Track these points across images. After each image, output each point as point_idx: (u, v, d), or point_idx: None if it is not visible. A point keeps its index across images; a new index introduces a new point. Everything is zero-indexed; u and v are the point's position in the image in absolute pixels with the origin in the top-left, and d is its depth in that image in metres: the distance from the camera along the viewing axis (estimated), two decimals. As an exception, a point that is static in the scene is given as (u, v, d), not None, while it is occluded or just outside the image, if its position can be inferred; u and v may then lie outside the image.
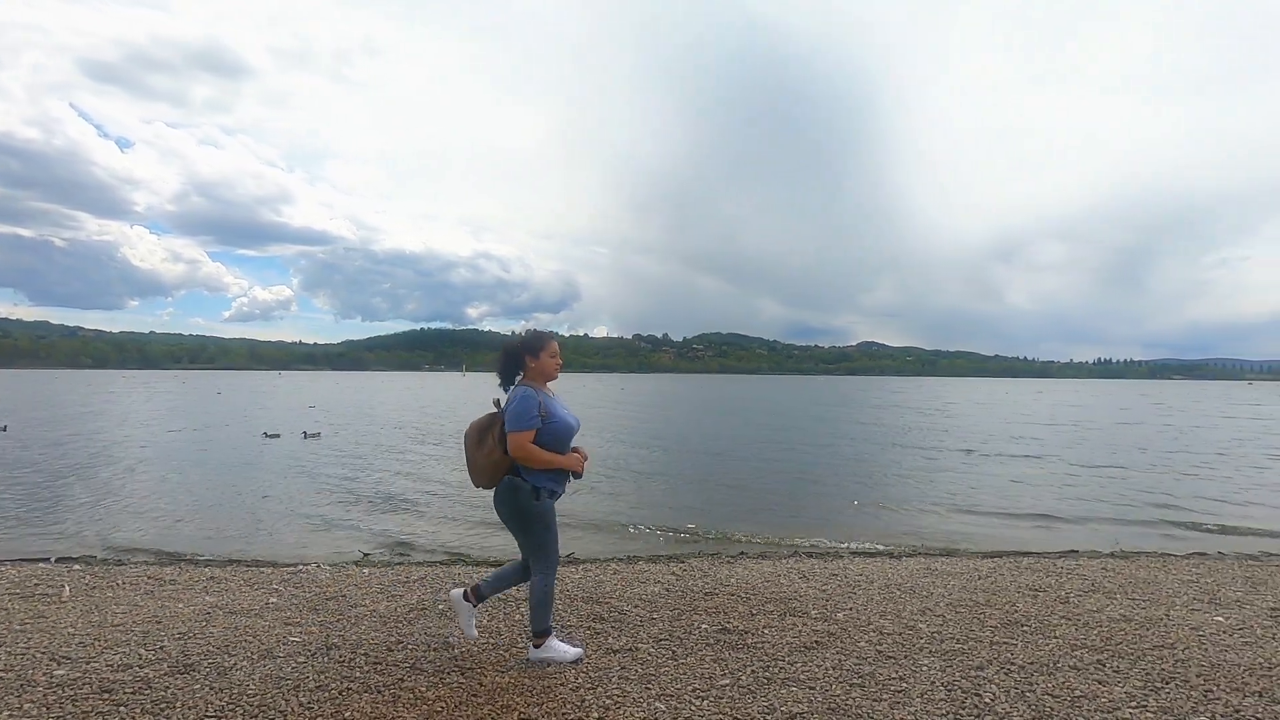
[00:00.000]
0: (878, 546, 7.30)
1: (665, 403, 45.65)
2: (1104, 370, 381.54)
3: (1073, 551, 7.01)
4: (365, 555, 6.93)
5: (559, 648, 3.70)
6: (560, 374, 3.73)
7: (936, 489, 12.31)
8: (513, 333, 3.75)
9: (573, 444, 3.63)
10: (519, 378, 3.61)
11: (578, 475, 3.60)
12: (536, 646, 3.67)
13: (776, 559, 6.32)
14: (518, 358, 3.59)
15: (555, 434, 3.48)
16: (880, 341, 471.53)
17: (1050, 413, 37.83)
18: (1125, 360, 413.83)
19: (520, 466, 3.47)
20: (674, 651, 3.90)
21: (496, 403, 3.61)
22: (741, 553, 6.70)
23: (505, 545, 7.74)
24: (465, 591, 3.87)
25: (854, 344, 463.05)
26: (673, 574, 5.63)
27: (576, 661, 3.69)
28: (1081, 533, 8.79)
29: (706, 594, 5.07)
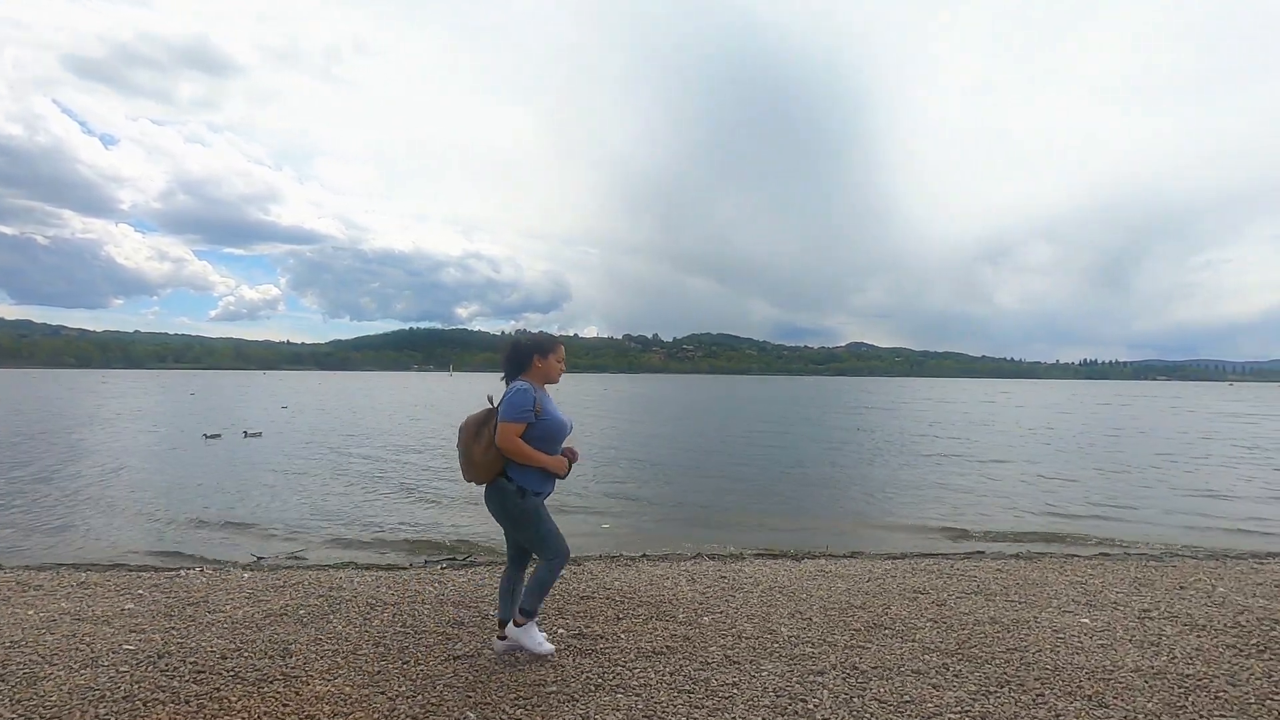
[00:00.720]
0: (784, 549, 7.26)
1: (642, 403, 45.57)
2: (1090, 371, 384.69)
3: (978, 553, 6.98)
4: (258, 559, 6.82)
5: (536, 636, 3.75)
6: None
7: (859, 492, 12.28)
8: (514, 332, 3.84)
9: (565, 444, 3.71)
10: (520, 377, 3.65)
11: (561, 476, 3.66)
12: (517, 625, 3.71)
13: (676, 561, 6.25)
14: (527, 356, 3.65)
15: (547, 431, 3.55)
16: (869, 342, 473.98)
17: (1013, 414, 38.00)
18: (1111, 361, 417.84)
19: (508, 467, 3.54)
20: (516, 658, 3.83)
21: (490, 399, 3.68)
22: (644, 555, 6.63)
23: (401, 552, 7.69)
24: (503, 635, 3.80)
25: (843, 345, 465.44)
26: (560, 578, 5.56)
27: (546, 656, 3.73)
28: (998, 533, 8.78)
29: (583, 597, 5.01)
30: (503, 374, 3.70)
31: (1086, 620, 4.61)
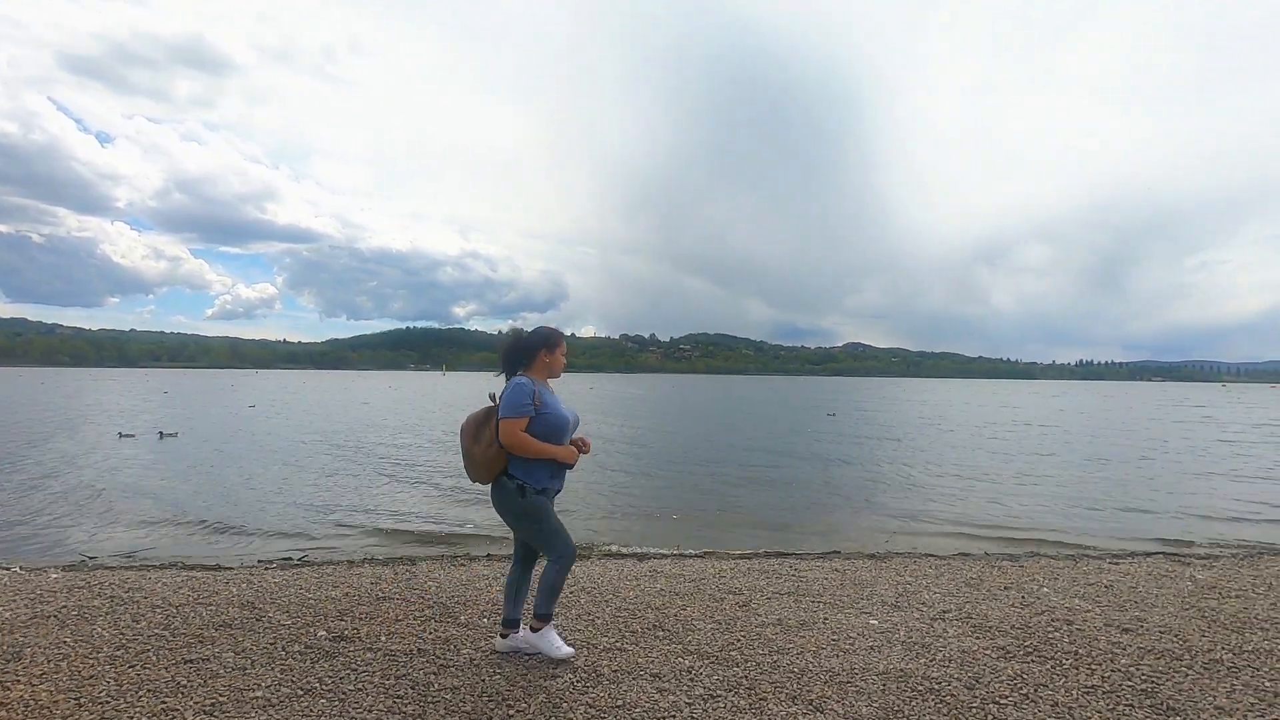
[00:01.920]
0: (632, 548, 7.15)
1: (626, 404, 45.41)
2: (1085, 372, 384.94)
3: (835, 552, 6.88)
4: (85, 559, 6.72)
5: (553, 639, 3.68)
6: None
7: (787, 493, 12.18)
8: (516, 330, 3.72)
9: (575, 436, 3.64)
10: (521, 371, 3.60)
11: (569, 466, 3.58)
12: (534, 630, 3.68)
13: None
14: (532, 351, 3.60)
15: (549, 424, 3.48)
16: (866, 343, 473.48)
17: (981, 414, 37.91)
18: (1106, 362, 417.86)
19: (511, 464, 3.48)
20: (257, 661, 3.72)
21: (492, 396, 3.60)
22: (489, 555, 6.52)
23: (242, 552, 7.58)
24: (512, 634, 3.77)
25: (840, 345, 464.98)
26: (371, 579, 5.45)
27: (565, 660, 3.65)
28: (884, 533, 8.69)
29: (380, 599, 4.89)
30: (501, 369, 3.64)
31: (874, 622, 4.51)
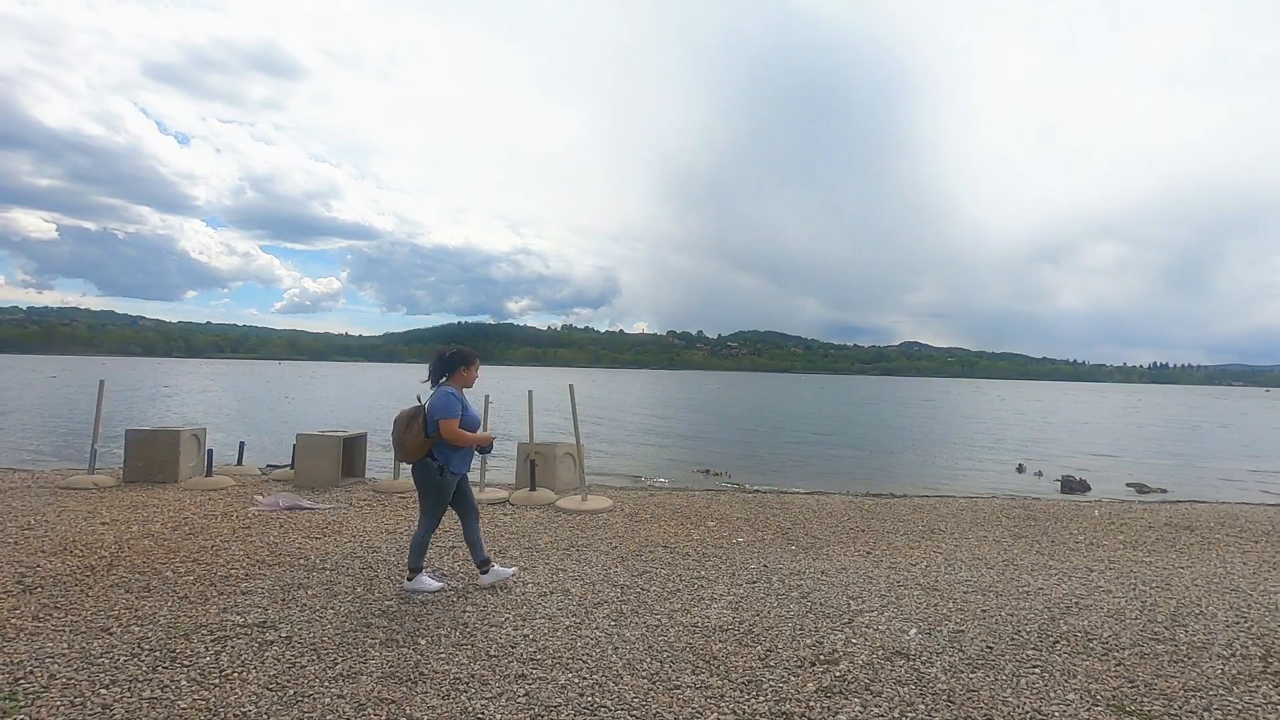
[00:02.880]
0: None
1: (610, 405, 45.39)
2: (1158, 375, 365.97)
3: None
4: None
5: (426, 581, 4.78)
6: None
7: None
8: (440, 350, 4.80)
9: (480, 432, 4.83)
10: (443, 380, 4.71)
11: (486, 450, 5.02)
12: (409, 580, 4.76)
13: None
14: (454, 366, 4.74)
15: (465, 424, 4.64)
16: (923, 342, 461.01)
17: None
18: (1183, 365, 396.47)
19: (436, 450, 4.58)
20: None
21: (419, 397, 4.73)
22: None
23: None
24: (481, 576, 4.91)
25: (896, 344, 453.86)
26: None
27: (437, 592, 4.71)
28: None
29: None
30: (429, 376, 4.74)
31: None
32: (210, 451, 9.00)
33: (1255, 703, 3.52)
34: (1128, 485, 12.45)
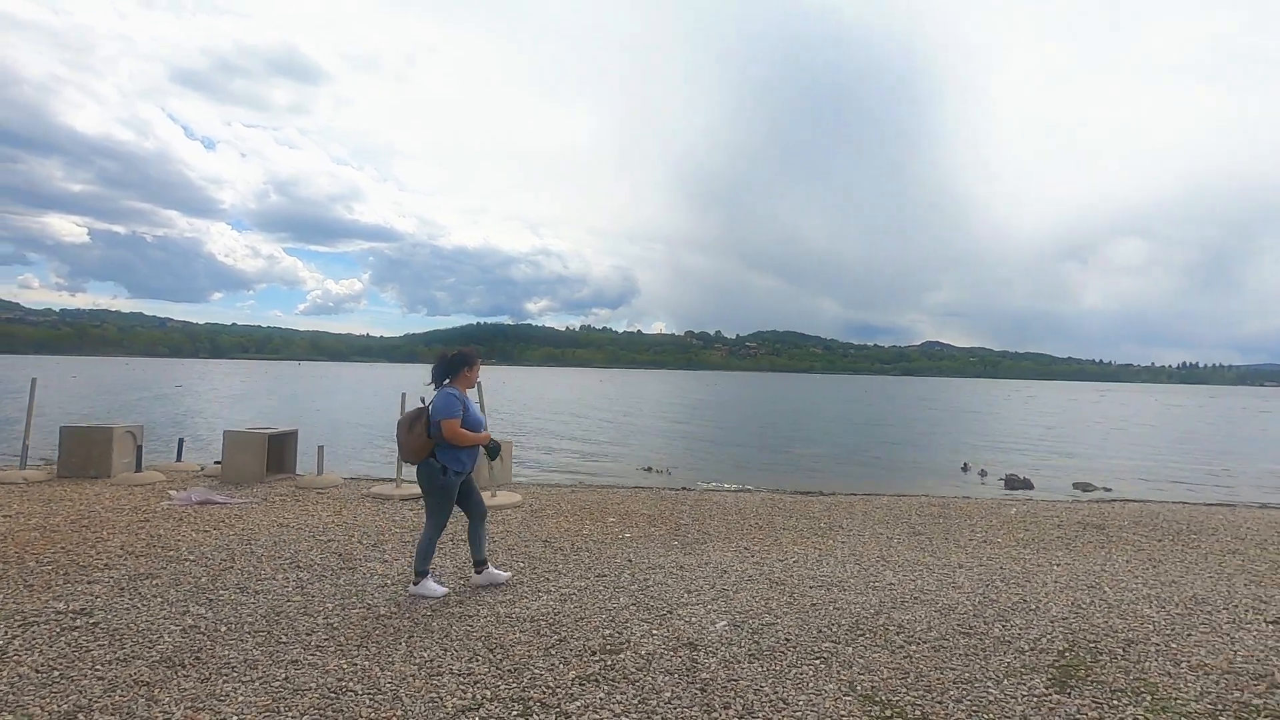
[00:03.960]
0: None
1: (597, 406, 45.48)
2: (1187, 375, 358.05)
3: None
4: None
5: (431, 586, 4.78)
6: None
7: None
8: (443, 351, 4.89)
9: (484, 433, 4.88)
10: (447, 381, 4.79)
11: (490, 448, 4.91)
12: (415, 584, 4.76)
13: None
14: (457, 367, 4.82)
15: (470, 423, 4.74)
16: (945, 341, 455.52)
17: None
18: (1213, 365, 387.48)
19: (438, 451, 4.66)
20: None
21: (422, 399, 4.86)
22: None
23: None
24: (475, 574, 5.01)
25: (917, 344, 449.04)
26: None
27: (443, 597, 4.71)
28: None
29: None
30: (432, 378, 4.82)
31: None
32: (140, 448, 9.24)
33: (1017, 695, 3.52)
34: (1074, 485, 12.31)
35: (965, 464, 14.37)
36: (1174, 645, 4.24)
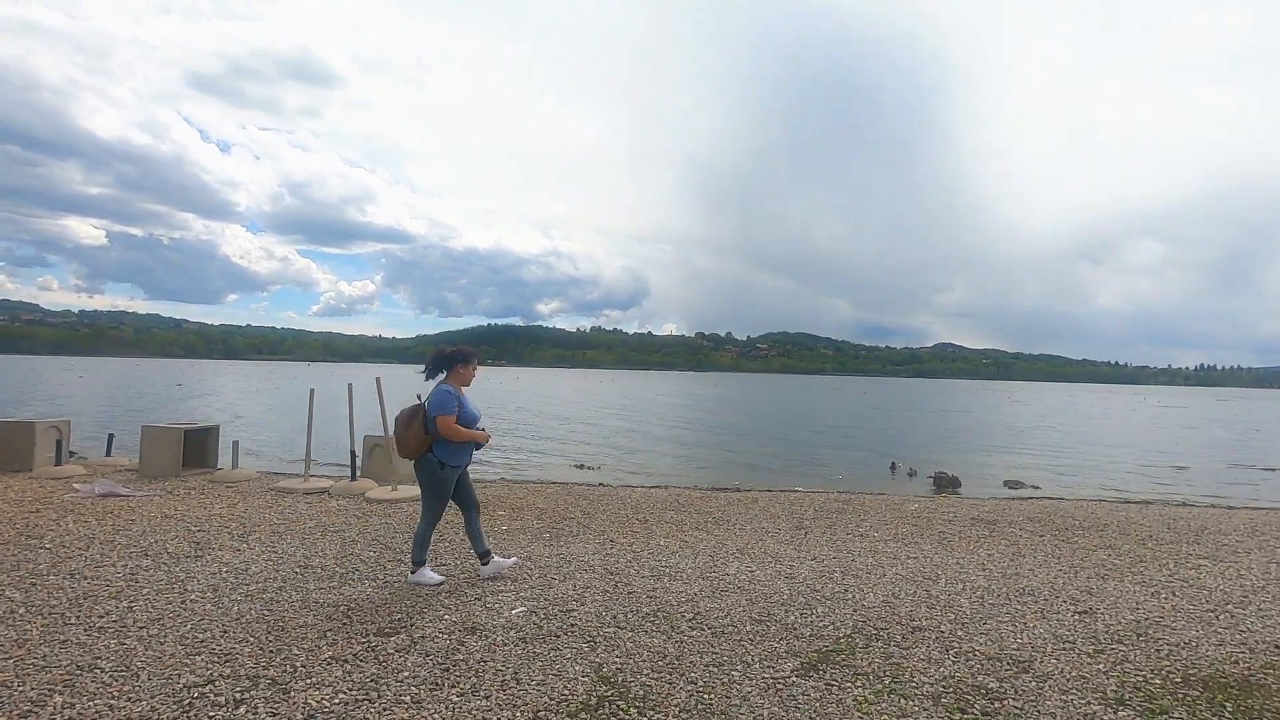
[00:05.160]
0: None
1: (571, 405, 45.59)
2: (1205, 377, 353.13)
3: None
4: None
5: (428, 575, 4.94)
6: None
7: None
8: (440, 348, 4.99)
9: (479, 427, 4.94)
10: (442, 376, 4.88)
11: (484, 441, 4.92)
12: (413, 573, 4.93)
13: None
14: (453, 364, 4.89)
15: (463, 421, 4.81)
16: (957, 343, 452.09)
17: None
18: (1231, 366, 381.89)
19: (435, 446, 4.75)
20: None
21: (419, 396, 4.94)
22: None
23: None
24: (482, 567, 5.10)
25: (929, 345, 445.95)
26: None
27: (438, 585, 4.86)
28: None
29: None
30: (427, 373, 4.89)
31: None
32: (59, 443, 9.46)
33: (757, 678, 3.59)
34: (1005, 483, 12.28)
35: (894, 463, 14.34)
36: (959, 633, 4.29)
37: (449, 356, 4.90)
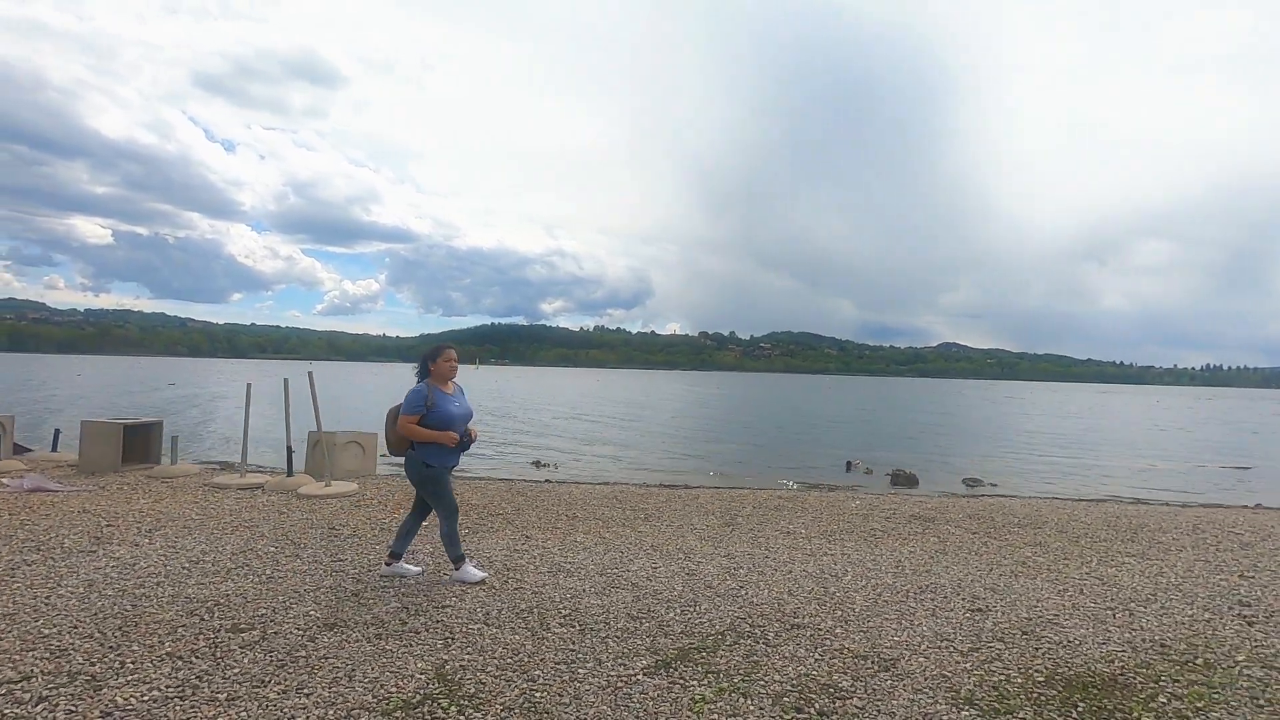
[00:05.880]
0: None
1: (554, 404, 45.50)
2: (1211, 377, 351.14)
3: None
4: None
5: (470, 571, 4.97)
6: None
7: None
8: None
9: (467, 427, 4.89)
10: (424, 378, 4.87)
11: (452, 446, 4.77)
12: (455, 569, 4.95)
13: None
14: (425, 363, 4.93)
15: (439, 419, 4.73)
16: (961, 343, 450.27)
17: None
18: (1238, 367, 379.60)
19: (415, 443, 4.76)
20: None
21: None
22: None
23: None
24: (386, 560, 5.08)
25: (933, 345, 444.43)
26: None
27: (481, 582, 4.91)
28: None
29: None
30: (418, 373, 4.91)
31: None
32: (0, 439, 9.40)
33: (604, 675, 3.48)
34: (964, 480, 12.13)
35: (849, 461, 14.17)
36: (837, 631, 4.18)
37: (423, 356, 4.94)
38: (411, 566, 5.12)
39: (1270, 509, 9.74)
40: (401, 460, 4.94)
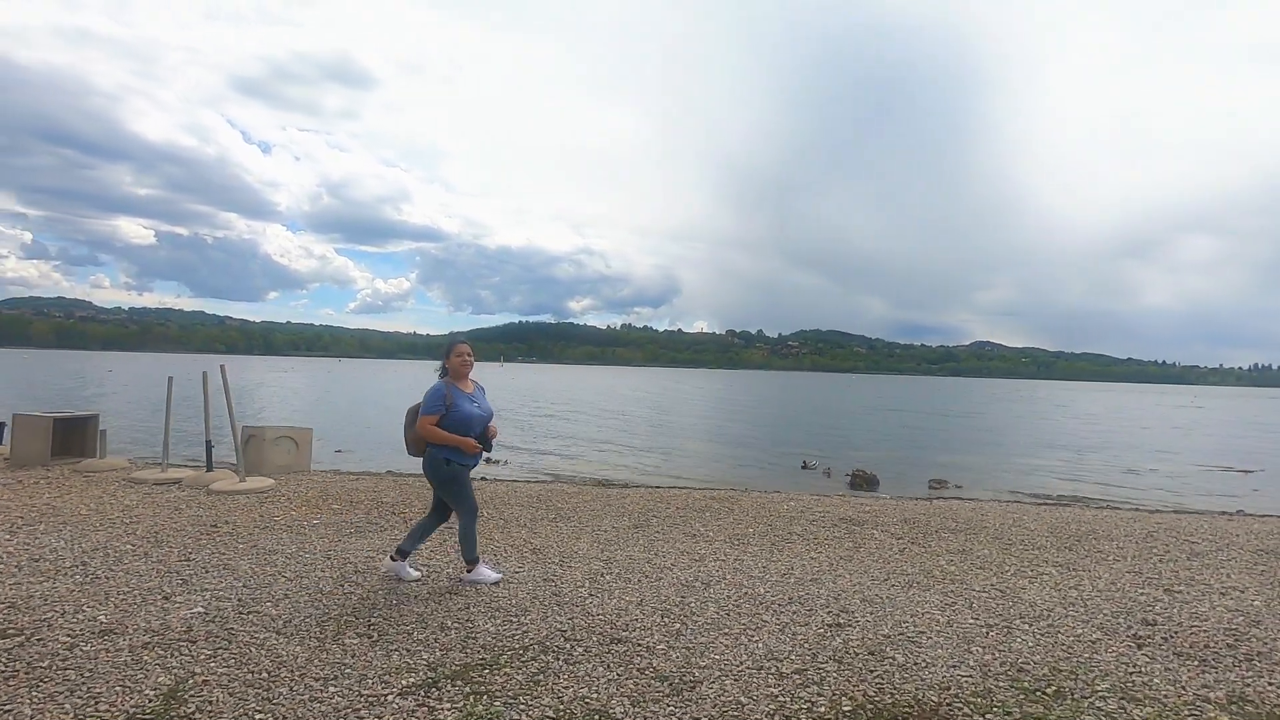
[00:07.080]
0: None
1: (545, 401, 45.22)
2: (1259, 377, 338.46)
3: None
4: None
5: (484, 572, 4.86)
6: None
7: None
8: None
9: (489, 426, 4.74)
10: (444, 375, 4.74)
11: (471, 451, 4.61)
12: (468, 571, 4.81)
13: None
14: (442, 360, 4.82)
15: (457, 420, 4.58)
16: (997, 341, 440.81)
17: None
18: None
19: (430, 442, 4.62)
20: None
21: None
22: None
23: None
24: (391, 555, 4.92)
25: (966, 344, 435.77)
26: None
27: (496, 583, 4.79)
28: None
29: None
30: (437, 371, 4.80)
31: None
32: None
33: (337, 675, 3.16)
34: (930, 482, 11.54)
35: (805, 461, 13.61)
36: (658, 648, 3.80)
37: (441, 354, 4.81)
38: (413, 570, 4.91)
39: (1250, 516, 9.05)
40: (419, 460, 4.75)
